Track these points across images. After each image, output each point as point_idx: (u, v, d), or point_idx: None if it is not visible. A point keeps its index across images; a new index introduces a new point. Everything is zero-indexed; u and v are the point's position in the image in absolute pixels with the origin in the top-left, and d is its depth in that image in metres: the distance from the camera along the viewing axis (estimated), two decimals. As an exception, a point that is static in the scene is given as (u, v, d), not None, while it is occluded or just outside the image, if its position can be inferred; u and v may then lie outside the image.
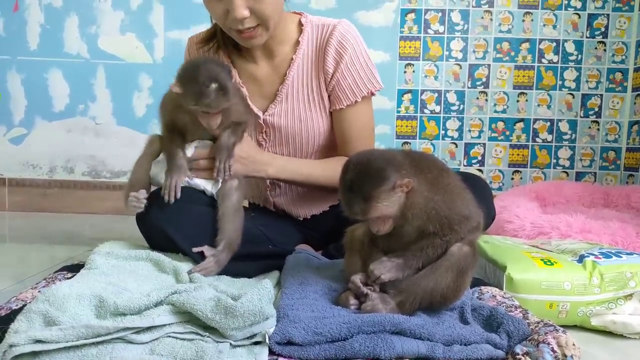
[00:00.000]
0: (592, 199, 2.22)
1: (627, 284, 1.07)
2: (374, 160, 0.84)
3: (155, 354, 0.72)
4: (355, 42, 1.24)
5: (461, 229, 0.86)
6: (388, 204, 0.83)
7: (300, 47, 1.24)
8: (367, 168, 0.83)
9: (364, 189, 0.82)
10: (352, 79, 1.23)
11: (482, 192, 1.11)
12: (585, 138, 2.57)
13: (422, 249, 0.87)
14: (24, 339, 0.70)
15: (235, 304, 0.75)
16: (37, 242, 1.85)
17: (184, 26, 2.49)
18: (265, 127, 1.28)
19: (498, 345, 0.78)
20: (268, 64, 1.28)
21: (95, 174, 2.58)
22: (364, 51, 1.25)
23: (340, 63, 1.22)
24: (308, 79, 1.26)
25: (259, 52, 1.27)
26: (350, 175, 0.84)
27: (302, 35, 1.25)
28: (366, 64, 1.25)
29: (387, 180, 0.82)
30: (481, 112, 2.57)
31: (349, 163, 0.86)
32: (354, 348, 0.75)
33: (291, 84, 1.25)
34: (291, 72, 1.25)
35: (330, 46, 1.22)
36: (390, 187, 0.82)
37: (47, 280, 1.06)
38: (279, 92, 1.26)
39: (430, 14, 2.53)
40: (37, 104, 2.54)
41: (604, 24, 2.51)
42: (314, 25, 1.26)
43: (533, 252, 1.23)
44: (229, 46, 1.28)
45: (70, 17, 2.51)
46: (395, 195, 0.83)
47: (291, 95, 1.26)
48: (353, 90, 1.24)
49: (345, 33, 1.23)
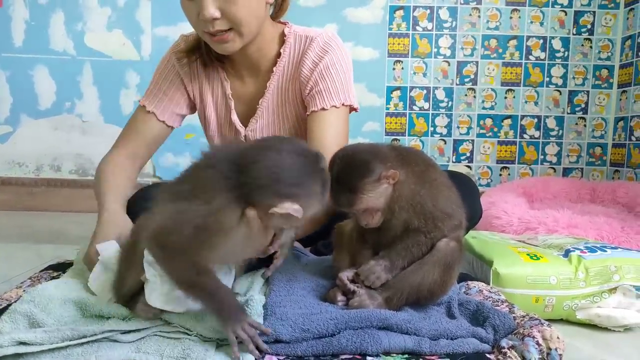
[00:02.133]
0: (578, 195, 2.25)
1: (612, 277, 1.08)
2: (360, 153, 0.85)
3: (141, 352, 0.72)
4: (339, 50, 1.17)
5: (444, 225, 0.87)
6: (374, 195, 0.83)
7: (281, 59, 1.18)
8: (352, 160, 0.84)
9: (350, 180, 0.83)
10: (330, 82, 1.15)
11: (469, 191, 1.11)
12: (572, 134, 2.60)
13: (407, 248, 0.87)
14: (8, 341, 0.70)
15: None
16: (23, 241, 1.83)
17: (171, 23, 2.48)
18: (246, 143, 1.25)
19: (484, 339, 0.79)
20: (253, 81, 1.23)
21: (82, 172, 2.55)
22: (346, 62, 1.18)
23: (318, 65, 1.15)
24: (286, 92, 1.20)
25: (245, 69, 1.21)
26: (336, 167, 0.84)
27: (284, 47, 1.18)
28: (345, 76, 1.17)
29: (373, 171, 0.82)
30: (469, 108, 2.58)
31: (335, 157, 0.86)
32: (341, 344, 0.75)
33: (271, 97, 1.20)
34: (271, 85, 1.19)
35: (310, 51, 1.15)
36: (375, 178, 0.82)
37: (33, 280, 1.05)
38: (259, 106, 1.21)
39: (419, 11, 2.54)
40: (22, 101, 2.51)
41: (590, 21, 2.54)
42: (297, 36, 1.19)
43: (519, 247, 1.24)
44: (214, 61, 1.21)
45: (56, 14, 2.48)
46: (381, 186, 0.84)
47: (271, 109, 1.22)
48: (330, 94, 1.15)
49: (328, 40, 1.17)
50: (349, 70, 1.19)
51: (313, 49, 1.16)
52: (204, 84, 1.24)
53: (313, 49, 1.16)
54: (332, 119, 1.15)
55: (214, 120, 1.27)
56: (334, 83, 1.15)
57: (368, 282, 0.86)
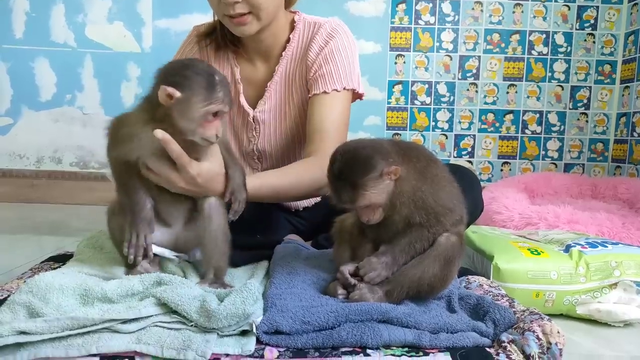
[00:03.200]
0: (580, 190, 2.24)
1: (612, 273, 1.08)
2: (362, 149, 0.84)
3: (142, 343, 0.72)
4: (345, 36, 1.22)
5: (446, 220, 0.87)
6: (376, 191, 0.83)
7: (290, 43, 1.24)
8: (354, 156, 0.83)
9: (352, 177, 0.82)
10: (332, 66, 1.19)
11: (471, 185, 1.11)
12: (573, 130, 2.59)
13: (410, 244, 0.87)
14: (8, 330, 0.70)
15: (218, 309, 0.74)
16: (24, 233, 1.83)
17: (172, 15, 2.46)
18: (255, 124, 1.27)
19: (484, 333, 0.79)
20: (264, 66, 1.27)
21: (83, 165, 2.55)
22: (352, 48, 1.22)
23: (324, 49, 1.19)
24: (293, 75, 1.24)
25: (257, 54, 1.26)
26: (338, 164, 0.84)
27: (294, 33, 1.24)
28: (349, 62, 1.20)
29: (375, 167, 0.82)
30: (471, 103, 2.58)
31: (337, 153, 0.86)
32: (342, 336, 0.75)
33: (279, 80, 1.25)
34: (279, 69, 1.24)
35: (318, 36, 1.21)
36: (377, 174, 0.82)
37: (34, 271, 1.05)
38: (267, 89, 1.25)
39: (421, 5, 2.53)
40: (23, 93, 2.51)
41: (593, 16, 2.52)
42: (306, 23, 1.25)
43: (520, 242, 1.24)
44: (228, 44, 1.26)
45: (57, 5, 2.47)
46: (383, 182, 0.83)
47: (279, 92, 1.25)
48: (333, 77, 1.18)
49: (335, 26, 1.22)
50: (354, 56, 1.22)
51: (320, 34, 1.20)
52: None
53: (320, 34, 1.20)
54: (333, 103, 1.18)
55: None
56: (336, 67, 1.19)
57: (368, 279, 0.86)
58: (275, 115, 1.26)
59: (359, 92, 1.23)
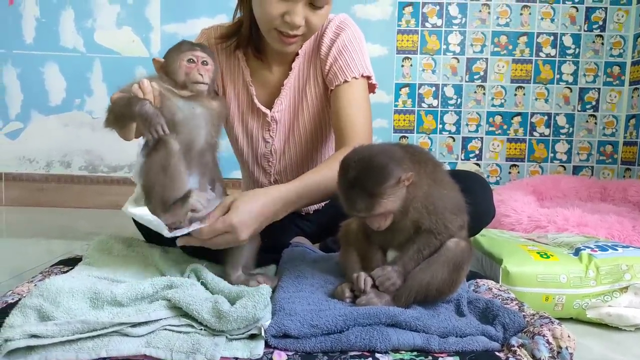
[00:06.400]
0: (589, 193, 2.22)
1: (623, 276, 1.07)
2: (376, 156, 0.82)
3: (151, 347, 0.72)
4: (353, 28, 1.23)
5: (452, 226, 0.86)
6: (393, 199, 0.82)
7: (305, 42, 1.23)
8: (369, 164, 0.81)
9: (368, 185, 0.81)
10: (348, 57, 1.20)
11: (483, 191, 1.11)
12: (582, 132, 2.57)
13: (419, 251, 0.86)
14: (19, 334, 0.70)
15: (229, 311, 0.75)
16: (34, 237, 1.85)
17: (180, 20, 2.48)
18: (272, 124, 1.27)
19: (493, 337, 0.79)
20: (280, 68, 1.27)
21: (92, 169, 2.57)
22: (360, 39, 1.24)
23: (335, 42, 1.21)
24: (307, 71, 1.25)
25: (275, 60, 1.25)
26: (352, 172, 0.82)
27: None
28: (361, 51, 1.23)
29: (392, 175, 0.80)
30: (479, 106, 2.57)
31: (349, 160, 0.84)
32: (350, 340, 0.75)
33: (294, 78, 1.25)
34: (295, 67, 1.24)
35: (328, 30, 1.22)
36: (394, 182, 0.81)
37: (44, 274, 1.06)
38: (283, 88, 1.25)
39: (428, 7, 2.52)
40: (33, 98, 2.53)
41: (601, 18, 2.51)
42: None
43: (529, 246, 1.23)
44: (249, 47, 1.25)
45: (66, 11, 2.49)
46: (399, 190, 0.82)
47: (294, 89, 1.26)
48: (350, 67, 1.20)
49: (344, 20, 1.24)
50: (364, 46, 1.25)
51: (330, 28, 1.22)
52: (226, 76, 1.28)
53: (330, 28, 1.22)
54: (355, 92, 1.21)
55: (234, 107, 1.29)
56: (351, 57, 1.21)
57: (383, 288, 0.85)
58: (290, 113, 1.27)
59: (373, 81, 1.25)
